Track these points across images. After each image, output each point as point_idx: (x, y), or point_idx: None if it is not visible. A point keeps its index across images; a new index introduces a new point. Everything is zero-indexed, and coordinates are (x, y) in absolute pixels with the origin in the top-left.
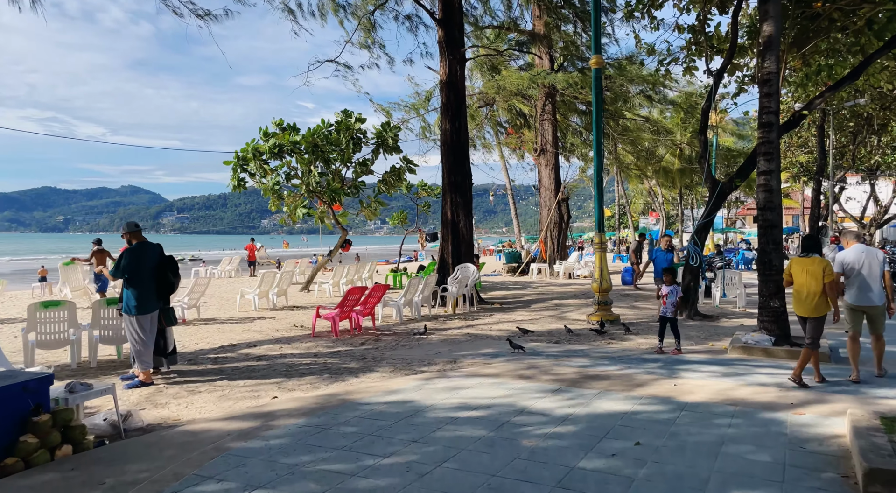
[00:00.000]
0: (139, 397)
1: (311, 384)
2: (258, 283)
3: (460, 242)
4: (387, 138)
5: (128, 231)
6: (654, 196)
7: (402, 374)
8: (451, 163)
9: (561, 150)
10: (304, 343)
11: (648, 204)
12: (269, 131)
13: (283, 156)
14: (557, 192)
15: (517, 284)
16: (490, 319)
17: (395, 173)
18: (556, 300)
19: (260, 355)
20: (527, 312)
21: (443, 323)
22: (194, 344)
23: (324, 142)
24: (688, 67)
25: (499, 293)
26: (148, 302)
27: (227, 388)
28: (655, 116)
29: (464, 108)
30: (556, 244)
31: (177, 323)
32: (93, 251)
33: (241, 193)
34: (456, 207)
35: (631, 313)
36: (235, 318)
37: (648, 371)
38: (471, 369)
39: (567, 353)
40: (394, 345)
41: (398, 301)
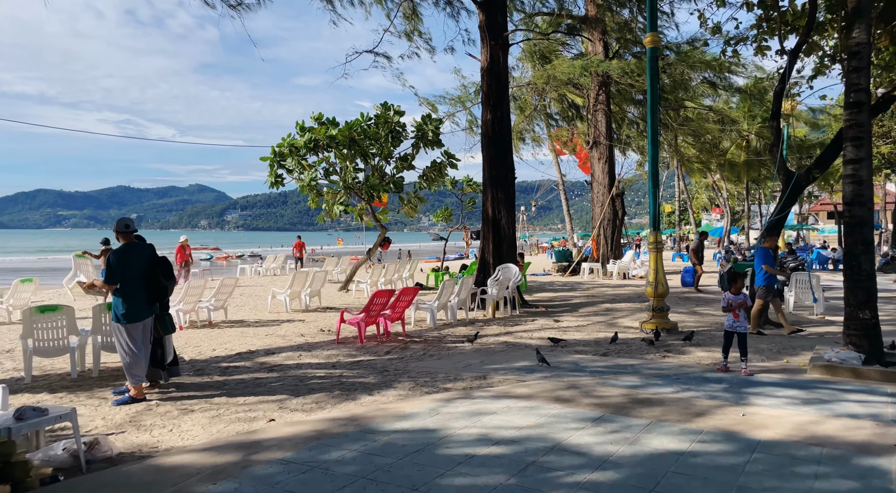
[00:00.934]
0: (125, 416)
1: (317, 404)
2: (289, 283)
3: (502, 241)
4: (427, 132)
5: (116, 231)
6: (717, 191)
7: (422, 392)
8: (492, 156)
9: (615, 142)
10: (326, 351)
11: (712, 199)
12: (305, 126)
13: (319, 151)
14: (611, 186)
15: (566, 285)
16: (532, 325)
17: (436, 168)
18: (608, 304)
19: (274, 364)
20: (573, 317)
21: (479, 329)
22: (211, 350)
23: (361, 136)
24: (759, 47)
25: (545, 295)
26: (138, 309)
27: (224, 407)
28: (720, 105)
29: (506, 97)
30: (609, 242)
31: (174, 331)
32: (101, 251)
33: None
34: (497, 203)
35: (691, 320)
36: (264, 320)
37: (710, 395)
38: (500, 389)
39: (614, 369)
40: (421, 354)
41: (432, 305)
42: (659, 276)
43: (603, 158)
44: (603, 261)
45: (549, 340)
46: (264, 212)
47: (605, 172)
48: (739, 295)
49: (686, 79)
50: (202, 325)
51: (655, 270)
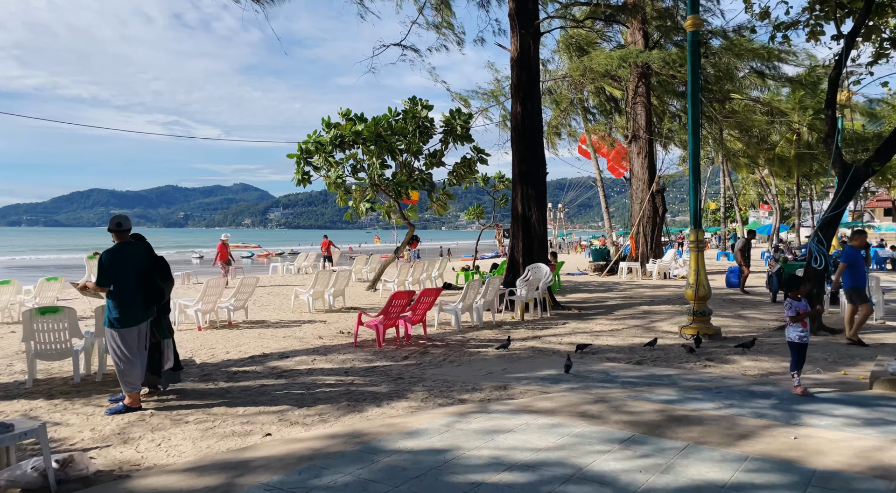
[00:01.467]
0: (115, 427)
1: (320, 416)
2: (312, 283)
3: (532, 239)
4: (455, 126)
5: (109, 229)
6: (766, 187)
7: (435, 404)
8: (522, 150)
9: (656, 136)
10: (342, 355)
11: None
12: (331, 122)
13: (345, 147)
14: (651, 182)
15: (602, 285)
16: (562, 328)
17: (465, 164)
18: (645, 306)
19: (285, 369)
20: (607, 320)
21: (505, 333)
22: (225, 353)
23: (388, 132)
24: (811, 33)
25: (579, 296)
26: (133, 313)
27: (221, 418)
28: (768, 96)
29: (537, 88)
30: (649, 241)
31: (171, 335)
32: None
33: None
34: (527, 199)
35: (736, 324)
36: (285, 321)
37: (757, 412)
38: (521, 401)
39: (649, 379)
40: (440, 360)
41: (456, 306)
42: (700, 277)
43: (642, 152)
44: (642, 260)
45: (577, 347)
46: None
47: (644, 167)
48: (802, 301)
49: (732, 69)
50: (222, 325)
51: (696, 271)
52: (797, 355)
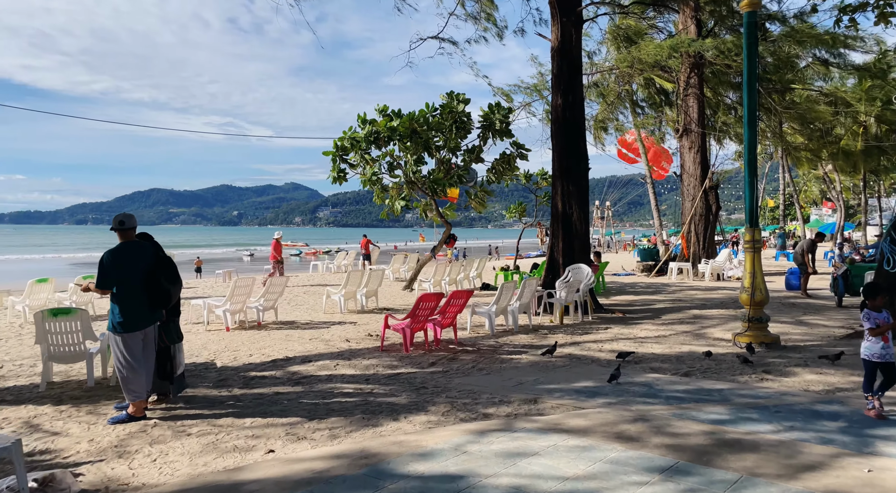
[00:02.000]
0: (115, 438)
1: (330, 430)
2: (344, 283)
3: (573, 239)
4: (494, 121)
5: (112, 228)
6: (829, 183)
7: (457, 419)
8: (562, 144)
9: (709, 130)
10: (366, 360)
11: (823, 192)
12: (367, 118)
13: (381, 144)
14: (704, 178)
15: (650, 286)
16: (603, 333)
17: (505, 160)
18: (696, 310)
19: (305, 375)
20: (654, 325)
21: (542, 338)
22: (248, 356)
23: (424, 127)
24: (881, 14)
25: (624, 298)
26: (137, 317)
27: (225, 430)
28: (832, 86)
29: (579, 79)
30: (701, 240)
31: (180, 340)
32: None
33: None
34: (568, 196)
35: (796, 332)
36: (315, 321)
37: (823, 438)
38: (551, 418)
39: (697, 394)
40: (469, 367)
41: (489, 309)
42: (757, 280)
43: (694, 147)
44: (694, 260)
45: (618, 355)
46: (354, 209)
47: (696, 162)
48: (882, 312)
49: (793, 57)
50: (250, 326)
51: (752, 273)
52: (873, 374)
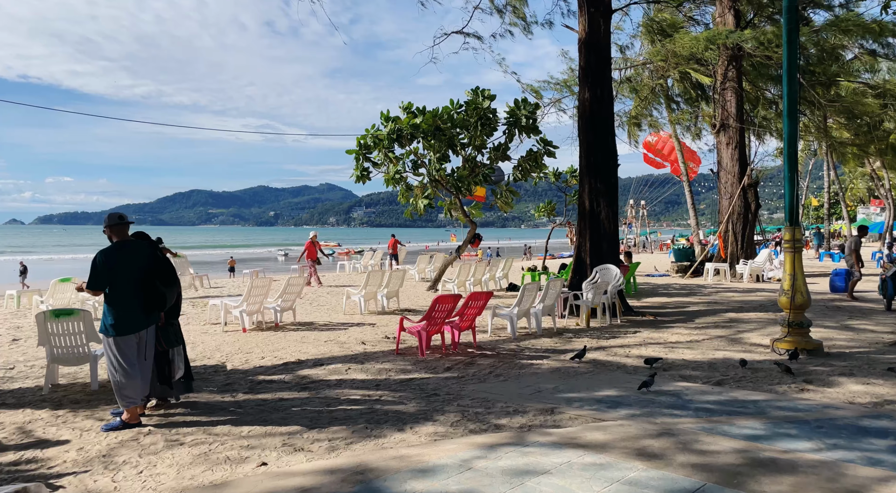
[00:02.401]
0: (105, 446)
1: (329, 441)
2: (364, 283)
3: (601, 238)
4: (520, 117)
5: (108, 225)
6: (877, 180)
7: (465, 430)
8: (590, 140)
9: (748, 125)
10: (380, 364)
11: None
12: (389, 115)
13: (404, 142)
14: (742, 175)
15: (685, 288)
16: (632, 338)
17: (531, 158)
18: (733, 313)
19: (314, 379)
20: (686, 329)
21: (566, 342)
22: (260, 359)
23: (447, 124)
24: None
25: (656, 300)
26: (131, 319)
27: (220, 439)
28: (880, 79)
29: (608, 72)
30: (739, 239)
31: (180, 344)
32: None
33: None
34: (596, 194)
35: (841, 337)
36: (334, 323)
37: (871, 458)
38: (567, 431)
39: (730, 406)
40: (486, 373)
41: (511, 311)
42: (797, 283)
43: (732, 143)
44: (731, 261)
45: (645, 361)
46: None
47: (734, 158)
48: None
49: (837, 47)
50: (268, 327)
51: (793, 275)
52: None
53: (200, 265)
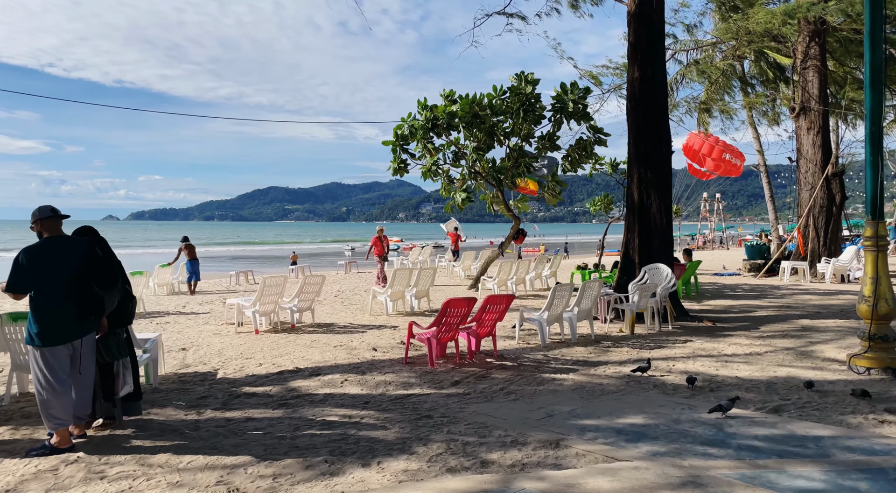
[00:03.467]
0: (16, 478)
1: (273, 480)
2: (390, 282)
3: (651, 235)
4: (567, 102)
5: (38, 219)
6: None
7: (442, 468)
8: (639, 124)
9: (833, 108)
10: (381, 376)
11: None
12: (427, 103)
13: (440, 131)
14: (825, 164)
15: (755, 289)
16: (680, 348)
17: (581, 147)
18: (806, 319)
19: (302, 392)
20: (747, 338)
21: (602, 352)
22: (257, 365)
23: (486, 111)
24: None
25: (720, 303)
26: (59, 327)
27: (150, 472)
28: None
29: (661, 48)
30: (822, 235)
31: (127, 356)
32: (180, 248)
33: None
34: (646, 185)
35: None
36: (355, 324)
37: None
38: (566, 475)
39: (784, 443)
40: (497, 390)
41: (540, 316)
42: (881, 288)
43: (814, 128)
44: (812, 259)
45: (687, 380)
46: None
47: (816, 145)
48: None
49: None
50: (283, 328)
51: (875, 278)
52: None
53: (265, 260)
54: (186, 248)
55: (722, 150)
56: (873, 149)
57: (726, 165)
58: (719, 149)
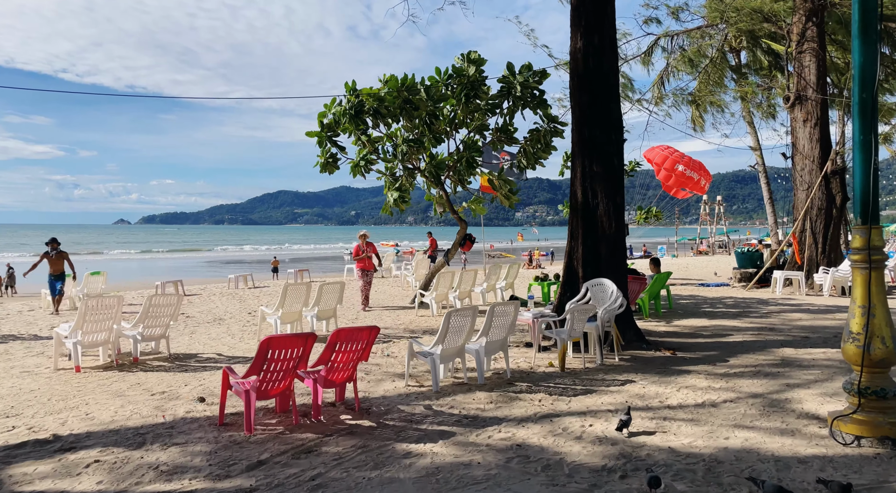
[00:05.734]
0: None
1: None
2: (279, 301)
3: (598, 241)
4: (515, 86)
5: None
6: None
7: None
8: (584, 106)
9: (834, 99)
10: (158, 452)
11: None
12: (355, 87)
13: (370, 119)
14: (824, 160)
15: (740, 304)
16: (611, 394)
17: (536, 139)
18: (790, 348)
19: (7, 486)
20: (707, 378)
21: (509, 400)
22: (7, 429)
23: (418, 96)
24: None
25: (692, 323)
26: None
27: None
28: None
29: (610, 11)
30: (820, 241)
31: None
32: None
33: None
34: (591, 181)
35: None
36: (223, 356)
37: None
38: None
39: None
40: (318, 473)
41: (434, 353)
42: (877, 321)
43: (811, 119)
44: (809, 268)
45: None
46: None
47: (813, 139)
48: None
49: None
50: (124, 362)
51: (866, 307)
52: None
53: (254, 264)
54: (49, 256)
55: (676, 161)
56: (864, 123)
57: (678, 177)
58: (673, 160)
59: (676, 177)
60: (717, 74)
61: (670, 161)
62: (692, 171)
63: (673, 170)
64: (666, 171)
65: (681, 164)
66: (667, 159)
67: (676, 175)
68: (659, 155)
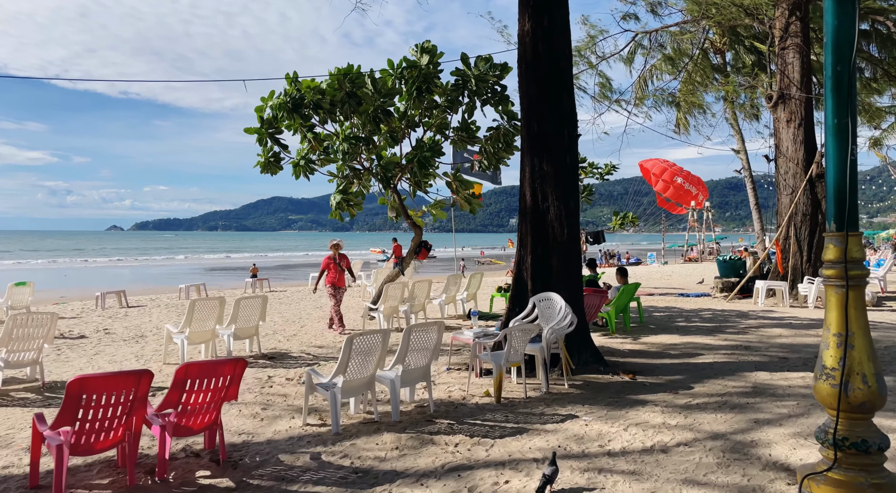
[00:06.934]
0: None
1: None
2: (186, 318)
3: (550, 249)
4: (469, 77)
5: None
6: None
7: None
8: (532, 97)
9: (819, 98)
10: None
11: None
12: (296, 78)
13: (311, 113)
14: (809, 163)
15: (717, 317)
16: (545, 436)
17: (497, 137)
18: (765, 373)
19: None
20: (664, 413)
21: (421, 444)
22: None
23: (364, 90)
24: None
25: (662, 339)
26: None
27: None
28: None
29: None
30: (805, 249)
31: None
32: None
33: (495, 192)
34: (541, 180)
35: None
36: None
37: None
38: None
39: None
40: None
41: (335, 386)
42: (856, 355)
43: (795, 119)
44: (793, 278)
45: None
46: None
47: (797, 140)
48: None
49: None
50: (27, 385)
51: (842, 335)
52: None
53: (276, 270)
54: None
55: (675, 173)
56: (838, 103)
57: (677, 189)
58: (672, 172)
59: (675, 188)
60: (700, 73)
61: (669, 173)
62: (691, 184)
63: (672, 181)
64: (664, 182)
65: (679, 176)
66: (665, 171)
67: (675, 187)
68: (657, 166)
